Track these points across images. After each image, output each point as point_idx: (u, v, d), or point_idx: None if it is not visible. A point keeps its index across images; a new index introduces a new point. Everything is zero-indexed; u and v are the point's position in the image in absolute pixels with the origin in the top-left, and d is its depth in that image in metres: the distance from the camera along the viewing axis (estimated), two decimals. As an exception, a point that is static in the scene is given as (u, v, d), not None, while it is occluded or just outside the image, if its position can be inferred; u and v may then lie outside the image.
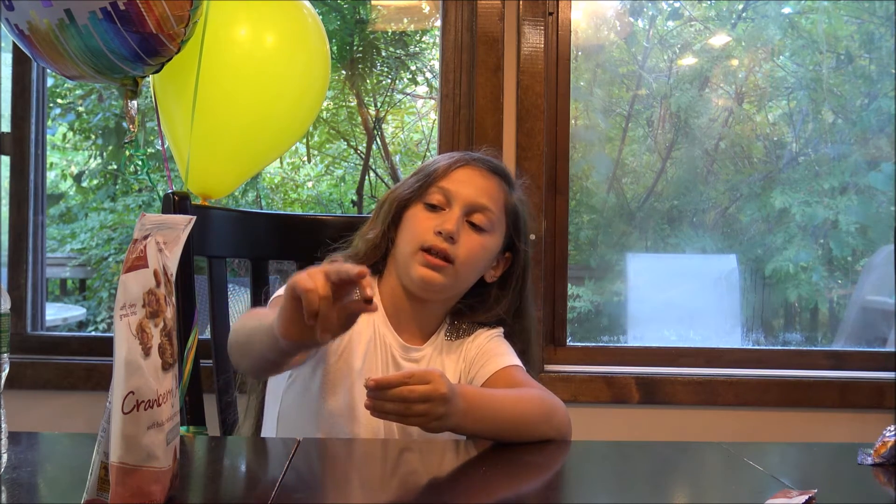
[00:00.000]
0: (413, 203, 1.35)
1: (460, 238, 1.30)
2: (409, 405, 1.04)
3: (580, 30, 2.59)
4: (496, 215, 1.35)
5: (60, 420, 2.07)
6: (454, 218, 1.31)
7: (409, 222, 1.35)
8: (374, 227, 1.39)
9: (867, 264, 2.83)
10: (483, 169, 1.37)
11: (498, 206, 1.35)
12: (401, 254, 1.34)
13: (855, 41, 2.87)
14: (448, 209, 1.32)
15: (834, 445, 1.61)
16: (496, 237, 1.36)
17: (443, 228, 1.29)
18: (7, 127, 2.17)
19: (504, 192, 1.37)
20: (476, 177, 1.35)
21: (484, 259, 1.35)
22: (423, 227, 1.32)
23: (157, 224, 0.83)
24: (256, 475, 0.99)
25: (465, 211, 1.32)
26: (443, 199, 1.33)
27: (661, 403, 2.13)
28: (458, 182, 1.34)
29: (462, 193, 1.33)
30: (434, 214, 1.33)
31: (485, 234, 1.33)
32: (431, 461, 1.15)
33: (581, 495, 1.06)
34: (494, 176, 1.37)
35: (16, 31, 1.53)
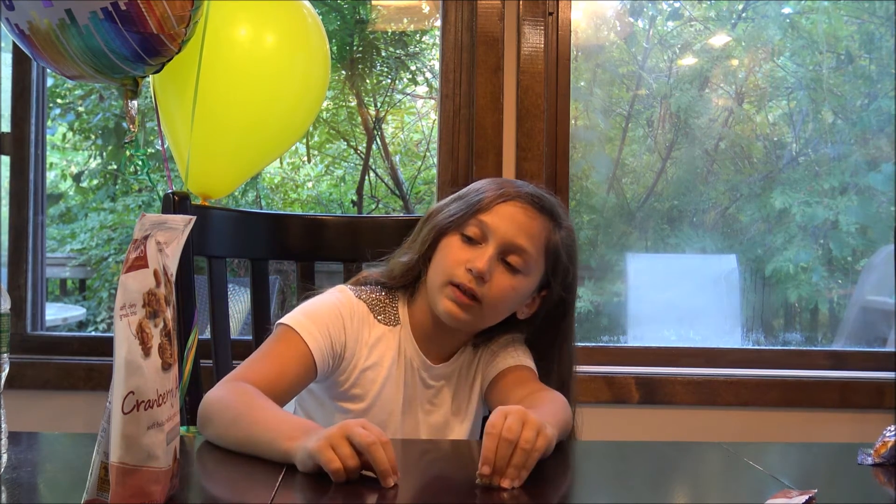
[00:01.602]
0: (450, 232, 1.29)
1: (492, 278, 1.25)
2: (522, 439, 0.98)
3: (580, 30, 2.59)
4: (533, 257, 1.27)
5: (60, 420, 2.07)
6: (487, 256, 1.24)
7: (443, 251, 1.29)
8: (410, 250, 1.34)
9: (867, 264, 2.83)
10: (528, 206, 1.28)
11: (537, 248, 1.28)
12: (431, 282, 1.29)
13: (855, 41, 2.87)
14: (484, 244, 1.26)
15: (834, 445, 1.61)
16: (531, 278, 1.29)
17: (473, 266, 1.24)
18: (7, 127, 2.17)
19: (547, 231, 1.29)
20: (519, 214, 1.27)
21: (514, 300, 1.30)
22: (456, 260, 1.26)
23: (157, 224, 0.83)
24: (256, 475, 0.99)
25: (501, 250, 1.26)
26: (480, 233, 1.27)
27: (661, 403, 2.13)
28: (500, 218, 1.27)
29: (500, 231, 1.26)
30: (469, 248, 1.27)
31: (518, 276, 1.27)
32: (430, 461, 1.15)
33: (581, 495, 1.06)
34: (540, 215, 1.29)
35: (16, 31, 1.53)
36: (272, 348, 1.25)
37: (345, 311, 1.29)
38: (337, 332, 1.27)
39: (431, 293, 1.29)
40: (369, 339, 1.31)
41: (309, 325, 1.25)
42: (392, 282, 1.34)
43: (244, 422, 1.08)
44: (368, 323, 1.31)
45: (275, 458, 1.01)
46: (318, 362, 1.24)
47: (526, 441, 0.98)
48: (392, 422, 1.31)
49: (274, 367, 1.21)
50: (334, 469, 0.93)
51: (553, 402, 1.23)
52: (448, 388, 1.35)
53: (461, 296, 1.24)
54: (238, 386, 1.17)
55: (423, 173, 3.65)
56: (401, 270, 1.33)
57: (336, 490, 0.93)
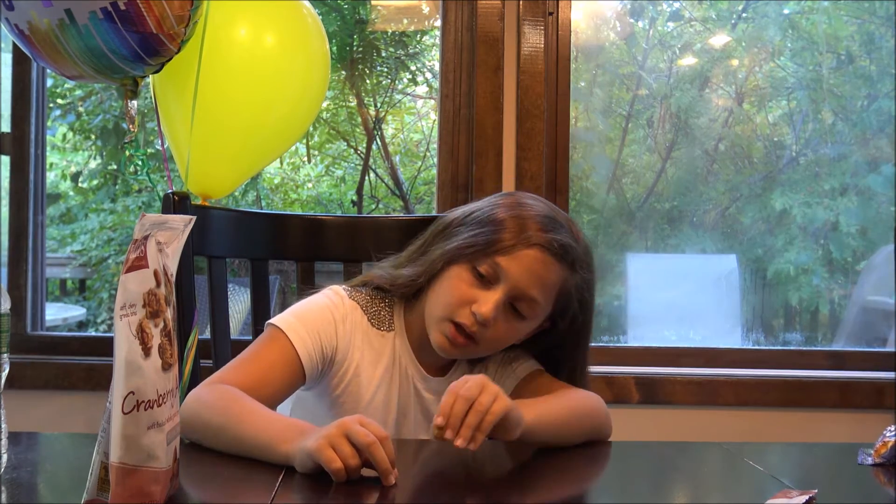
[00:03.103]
0: (462, 262, 1.23)
1: (494, 323, 1.21)
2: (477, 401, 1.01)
3: (580, 30, 2.59)
4: (542, 305, 1.23)
5: (60, 420, 2.07)
6: (494, 302, 1.20)
7: (450, 281, 1.24)
8: (417, 264, 1.29)
9: (867, 264, 2.83)
10: (550, 257, 1.22)
11: (548, 297, 1.24)
12: (431, 310, 1.25)
13: (855, 41, 2.87)
14: (493, 286, 1.21)
15: (834, 445, 1.61)
16: (535, 322, 1.26)
17: (479, 311, 1.19)
18: (7, 127, 2.16)
19: (563, 280, 1.24)
20: (538, 264, 1.21)
21: (513, 340, 1.27)
22: (462, 298, 1.21)
23: (157, 224, 0.83)
24: (256, 475, 0.99)
25: (510, 296, 1.21)
26: (493, 274, 1.21)
27: (660, 403, 2.13)
28: (517, 264, 1.21)
29: (514, 279, 1.20)
30: (477, 286, 1.22)
31: (522, 322, 1.24)
32: (432, 461, 1.15)
33: (581, 495, 1.06)
34: (559, 264, 1.23)
35: (16, 31, 1.53)
36: (258, 350, 1.22)
37: (337, 314, 1.27)
38: (327, 334, 1.25)
39: (429, 319, 1.26)
40: (362, 343, 1.28)
41: (298, 327, 1.22)
42: (394, 289, 1.31)
43: (233, 427, 1.06)
44: (362, 326, 1.29)
45: (272, 461, 1.01)
46: (306, 365, 1.21)
47: (481, 404, 1.01)
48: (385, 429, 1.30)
49: (258, 369, 1.19)
50: (335, 469, 0.92)
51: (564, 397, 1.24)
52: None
53: (457, 336, 1.21)
54: (221, 389, 1.13)
55: (423, 173, 3.65)
56: (405, 282, 1.29)
57: (336, 490, 0.93)
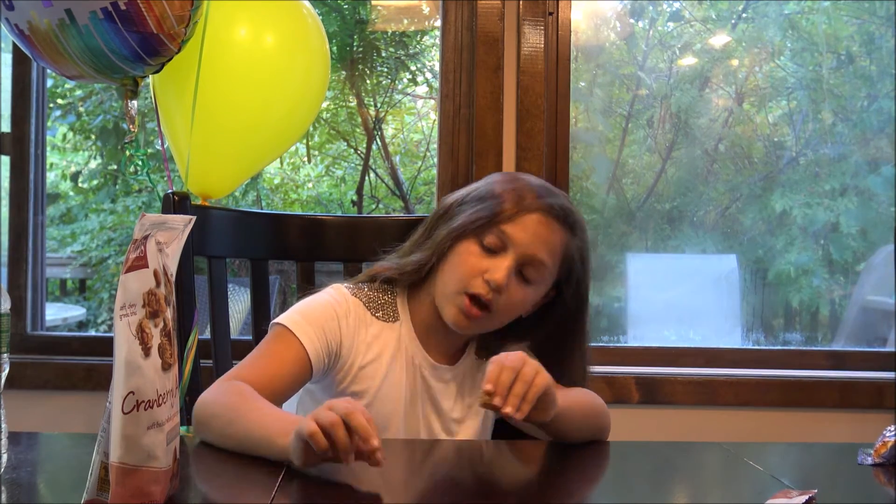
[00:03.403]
0: (468, 237, 1.27)
1: (507, 289, 1.24)
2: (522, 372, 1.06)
3: (580, 30, 2.59)
4: (549, 269, 1.28)
5: (60, 420, 2.07)
6: (505, 268, 1.24)
7: (459, 257, 1.27)
8: (424, 247, 1.32)
9: (867, 264, 2.83)
10: (549, 217, 1.27)
11: (554, 259, 1.28)
12: (443, 286, 1.28)
13: (855, 41, 2.87)
14: (502, 255, 1.25)
15: (834, 445, 1.61)
16: (543, 288, 1.30)
17: (492, 278, 1.23)
18: (7, 127, 2.16)
19: (564, 241, 1.29)
20: (542, 228, 1.26)
21: (522, 309, 1.30)
22: (473, 269, 1.25)
23: (157, 224, 0.83)
24: (256, 475, 0.99)
25: (519, 262, 1.25)
26: (499, 244, 1.25)
27: (660, 403, 2.13)
28: (521, 230, 1.25)
29: (522, 244, 1.25)
30: (486, 257, 1.25)
31: (531, 286, 1.28)
32: (433, 461, 1.15)
33: (581, 495, 1.06)
34: (559, 225, 1.28)
35: (16, 31, 1.53)
36: (267, 348, 1.25)
37: (340, 310, 1.29)
38: (332, 330, 1.27)
39: (441, 298, 1.28)
40: (367, 336, 1.30)
41: (304, 325, 1.25)
42: (402, 277, 1.33)
43: (241, 422, 1.08)
44: (365, 320, 1.31)
45: (272, 456, 1.01)
46: (314, 361, 1.24)
47: (525, 374, 1.06)
48: (394, 419, 1.31)
49: (270, 366, 1.21)
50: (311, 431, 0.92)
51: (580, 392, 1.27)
52: (450, 392, 1.34)
53: (472, 308, 1.24)
54: (233, 386, 1.17)
55: (423, 173, 3.65)
56: (413, 268, 1.31)
57: (336, 490, 0.93)
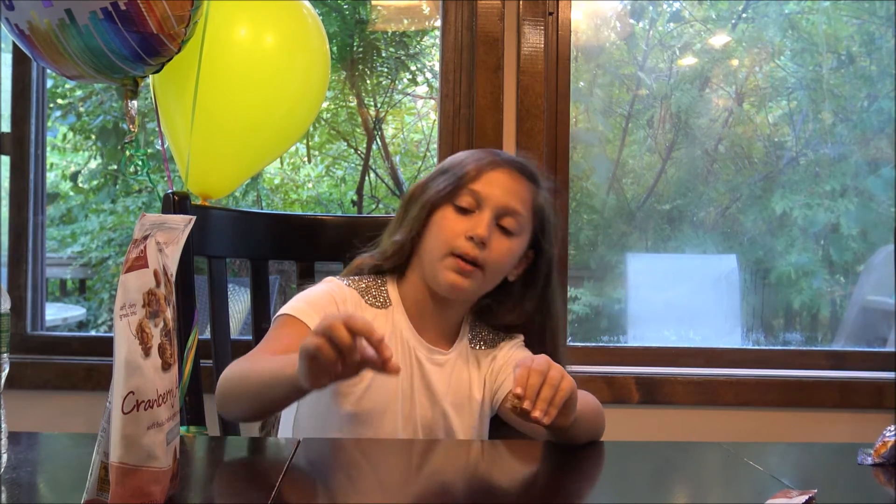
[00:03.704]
0: (442, 205, 1.33)
1: (490, 243, 1.29)
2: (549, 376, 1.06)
3: (580, 30, 2.59)
4: (524, 218, 1.34)
5: (60, 420, 2.07)
6: (485, 223, 1.29)
7: (438, 225, 1.33)
8: (401, 228, 1.37)
9: (867, 264, 2.83)
10: (513, 171, 1.35)
11: (527, 209, 1.34)
12: (429, 256, 1.33)
13: (855, 41, 2.87)
14: (478, 212, 1.31)
15: (834, 445, 1.61)
16: (523, 239, 1.35)
17: (475, 234, 1.28)
18: (7, 127, 2.16)
19: (532, 193, 1.36)
20: (507, 179, 1.33)
21: (511, 262, 1.34)
22: (454, 230, 1.30)
23: (157, 224, 0.83)
24: (256, 475, 0.99)
25: (496, 214, 1.31)
26: (473, 202, 1.31)
27: (660, 403, 2.13)
28: (490, 184, 1.32)
29: (493, 197, 1.31)
30: (464, 218, 1.31)
31: (513, 238, 1.32)
32: (432, 461, 1.15)
33: (581, 495, 1.06)
34: (524, 178, 1.36)
35: (16, 31, 1.53)
36: (275, 334, 1.28)
37: (337, 296, 1.33)
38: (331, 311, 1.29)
39: (430, 267, 1.32)
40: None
41: (307, 310, 1.28)
42: (385, 262, 1.37)
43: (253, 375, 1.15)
44: (361, 307, 1.34)
45: (287, 389, 1.07)
46: None
47: (553, 378, 1.06)
48: (391, 404, 1.32)
49: (277, 348, 1.24)
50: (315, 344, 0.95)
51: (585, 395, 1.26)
52: (444, 377, 1.35)
53: (464, 265, 1.29)
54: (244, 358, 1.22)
55: (424, 173, 3.65)
56: (394, 249, 1.36)
57: (336, 490, 0.93)
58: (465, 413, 1.35)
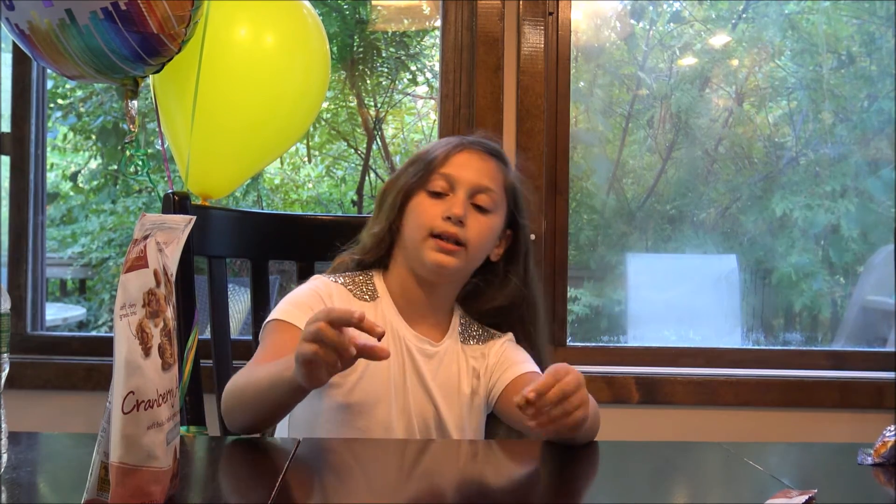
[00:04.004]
0: (416, 192, 1.37)
1: (468, 221, 1.33)
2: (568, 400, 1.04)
3: (580, 30, 2.59)
4: (498, 195, 1.37)
5: (60, 420, 2.07)
6: (460, 202, 1.33)
7: (414, 211, 1.36)
8: (378, 220, 1.40)
9: (867, 264, 2.83)
10: (481, 151, 1.40)
11: (498, 186, 1.38)
12: (410, 242, 1.35)
13: (855, 41, 2.87)
14: (452, 194, 1.34)
15: (834, 445, 1.61)
16: (499, 216, 1.38)
17: (451, 213, 1.32)
18: (7, 127, 2.17)
19: (502, 171, 1.40)
20: (475, 159, 1.38)
21: (491, 239, 1.38)
22: (431, 213, 1.33)
23: (157, 224, 0.83)
24: (256, 475, 0.99)
25: (469, 194, 1.34)
26: (446, 185, 1.35)
27: (661, 403, 2.13)
28: (459, 166, 1.36)
29: (464, 177, 1.35)
30: (439, 201, 1.34)
31: (489, 215, 1.36)
32: (431, 461, 1.15)
33: (581, 495, 1.06)
34: (492, 157, 1.40)
35: (16, 30, 1.53)
36: (269, 342, 1.29)
37: (324, 293, 1.34)
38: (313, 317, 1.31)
39: (413, 252, 1.34)
40: None
41: (295, 311, 1.30)
42: (366, 256, 1.40)
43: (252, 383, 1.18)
44: (349, 300, 1.35)
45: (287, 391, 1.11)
46: None
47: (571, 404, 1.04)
48: (384, 395, 1.32)
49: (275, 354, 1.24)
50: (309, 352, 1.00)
51: None
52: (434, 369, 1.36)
53: (446, 244, 1.31)
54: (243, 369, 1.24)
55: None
56: (373, 242, 1.39)
57: (336, 490, 0.93)
58: (454, 405, 1.36)
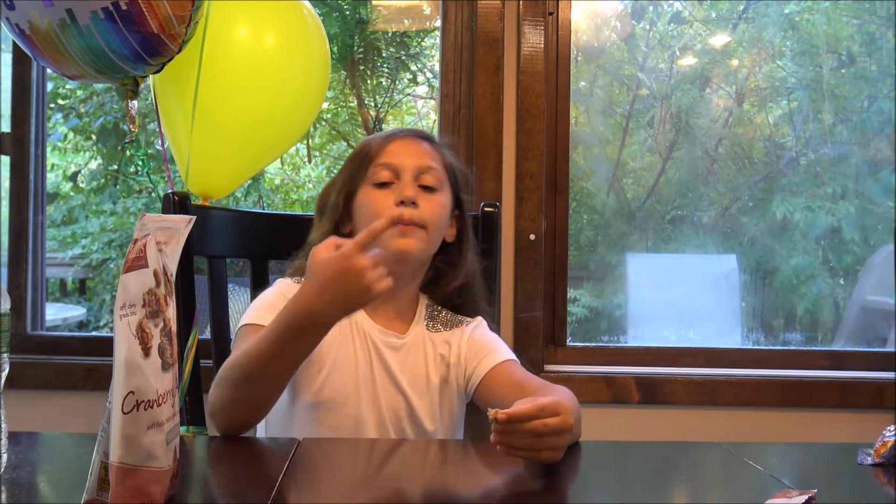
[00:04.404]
0: (359, 188, 1.39)
1: (420, 202, 1.35)
2: (541, 439, 1.01)
3: (580, 31, 2.59)
4: (441, 171, 1.41)
5: (60, 420, 2.07)
6: (409, 184, 1.36)
7: (364, 205, 1.38)
8: (322, 224, 1.42)
9: (867, 264, 2.82)
10: (413, 136, 1.43)
11: (439, 164, 1.42)
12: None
13: (855, 42, 2.87)
14: (398, 181, 1.37)
15: (834, 445, 1.61)
16: (447, 193, 1.41)
17: (404, 196, 1.34)
18: (7, 127, 2.17)
19: (438, 151, 1.44)
20: (411, 144, 1.41)
21: (445, 217, 1.41)
22: (383, 203, 1.35)
23: (157, 224, 0.83)
24: (256, 475, 0.99)
25: (415, 175, 1.37)
26: (390, 174, 1.37)
27: (661, 403, 2.13)
28: (398, 153, 1.39)
29: (406, 161, 1.38)
30: (387, 190, 1.37)
31: (438, 193, 1.39)
32: (431, 461, 1.15)
33: (581, 495, 1.06)
34: (424, 140, 1.44)
35: (16, 30, 1.53)
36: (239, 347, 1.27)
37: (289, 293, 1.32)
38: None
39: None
40: None
41: (264, 313, 1.30)
42: None
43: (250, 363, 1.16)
44: None
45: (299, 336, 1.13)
46: None
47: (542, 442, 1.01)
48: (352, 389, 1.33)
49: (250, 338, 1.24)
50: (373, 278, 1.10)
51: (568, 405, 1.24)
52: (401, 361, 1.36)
53: (406, 227, 1.33)
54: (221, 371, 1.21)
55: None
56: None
57: (336, 490, 0.93)
58: (425, 396, 1.37)
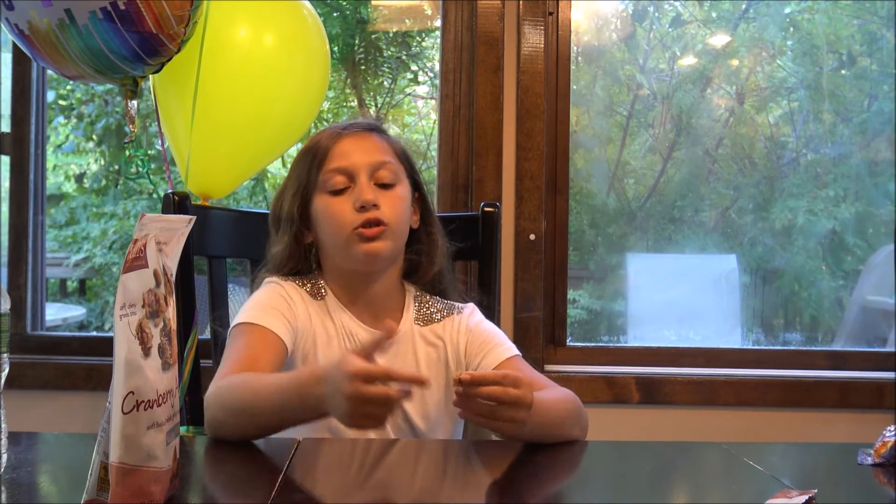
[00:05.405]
0: (315, 196, 1.35)
1: (380, 201, 1.31)
2: (499, 408, 1.04)
3: (581, 31, 2.59)
4: (395, 164, 1.36)
5: (60, 420, 2.07)
6: (365, 186, 1.31)
7: (324, 215, 1.33)
8: (281, 237, 1.38)
9: (867, 264, 2.82)
10: (359, 131, 1.37)
11: (391, 155, 1.37)
12: (333, 246, 1.34)
13: (856, 41, 2.87)
14: (354, 184, 1.32)
15: (834, 445, 1.61)
16: (404, 184, 1.37)
17: (363, 201, 1.30)
18: (7, 127, 2.17)
19: (387, 140, 1.39)
20: (359, 141, 1.36)
21: (406, 209, 1.36)
22: (343, 211, 1.31)
23: (157, 224, 0.83)
24: (256, 475, 0.99)
25: (370, 174, 1.33)
26: (344, 179, 1.33)
27: (661, 403, 2.13)
28: (348, 154, 1.34)
29: (358, 161, 1.33)
30: (344, 196, 1.32)
31: (396, 187, 1.35)
32: (431, 461, 1.15)
33: (581, 495, 1.06)
34: (371, 132, 1.39)
35: (16, 30, 1.53)
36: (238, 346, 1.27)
37: (283, 293, 1.33)
38: (285, 308, 1.31)
39: (341, 253, 1.33)
40: (309, 310, 1.34)
41: (261, 314, 1.29)
42: (284, 270, 1.38)
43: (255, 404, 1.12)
44: (304, 299, 1.35)
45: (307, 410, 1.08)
46: (285, 339, 1.28)
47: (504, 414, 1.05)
48: None
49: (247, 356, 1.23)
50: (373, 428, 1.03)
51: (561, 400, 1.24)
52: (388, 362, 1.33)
53: (370, 231, 1.29)
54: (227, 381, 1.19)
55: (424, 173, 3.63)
56: (283, 256, 1.37)
57: (335, 490, 0.93)
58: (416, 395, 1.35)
